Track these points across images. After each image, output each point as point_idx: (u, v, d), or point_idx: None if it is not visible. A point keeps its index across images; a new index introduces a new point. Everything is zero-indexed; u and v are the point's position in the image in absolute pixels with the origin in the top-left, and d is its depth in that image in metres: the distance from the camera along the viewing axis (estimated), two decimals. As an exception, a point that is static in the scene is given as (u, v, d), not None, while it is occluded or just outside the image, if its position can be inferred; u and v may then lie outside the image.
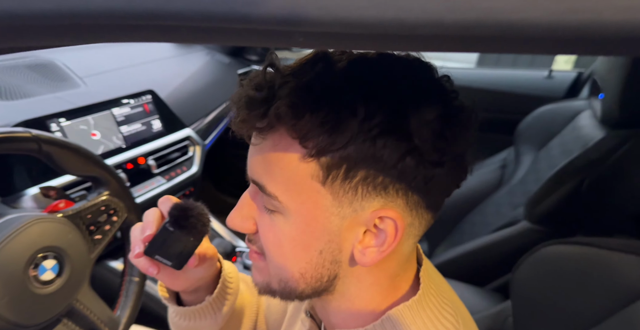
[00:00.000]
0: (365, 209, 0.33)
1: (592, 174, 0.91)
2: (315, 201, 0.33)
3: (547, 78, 1.54)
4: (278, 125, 0.32)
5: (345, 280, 0.37)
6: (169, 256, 0.43)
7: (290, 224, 0.35)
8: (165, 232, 0.42)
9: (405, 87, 0.32)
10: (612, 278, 0.51)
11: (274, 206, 0.35)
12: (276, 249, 0.36)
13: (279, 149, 0.33)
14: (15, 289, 0.53)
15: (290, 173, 0.33)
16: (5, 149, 0.57)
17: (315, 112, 0.30)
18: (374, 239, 0.34)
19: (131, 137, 1.02)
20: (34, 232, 0.56)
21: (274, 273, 0.38)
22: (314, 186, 0.33)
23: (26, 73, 1.00)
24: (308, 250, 0.35)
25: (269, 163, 0.34)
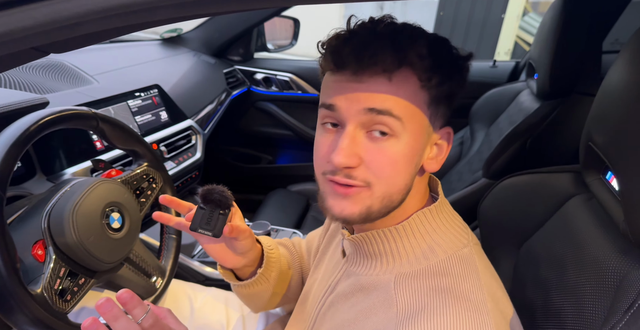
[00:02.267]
0: (438, 126, 0.46)
1: (533, 135, 1.15)
2: (421, 121, 0.44)
3: (492, 67, 1.80)
4: (410, 64, 0.42)
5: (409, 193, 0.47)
6: (208, 228, 0.55)
7: (403, 144, 0.43)
8: (200, 211, 0.55)
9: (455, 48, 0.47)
10: (549, 191, 0.66)
11: (392, 129, 0.42)
12: (391, 168, 0.43)
13: (403, 80, 0.42)
14: (97, 232, 0.66)
15: (411, 98, 0.43)
16: (72, 124, 0.70)
17: (435, 57, 0.43)
18: (437, 151, 0.47)
19: (144, 126, 1.14)
20: (102, 190, 0.69)
21: (380, 193, 0.44)
22: (423, 109, 0.44)
23: (43, 73, 1.10)
24: (411, 164, 0.44)
25: (394, 91, 0.42)
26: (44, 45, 0.33)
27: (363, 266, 0.51)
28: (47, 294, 0.59)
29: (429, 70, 0.43)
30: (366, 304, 0.47)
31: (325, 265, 0.63)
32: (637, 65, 0.45)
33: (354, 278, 0.51)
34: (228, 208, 0.56)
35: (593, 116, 0.55)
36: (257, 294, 0.68)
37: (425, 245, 0.47)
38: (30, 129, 0.60)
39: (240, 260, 0.63)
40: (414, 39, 0.43)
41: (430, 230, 0.47)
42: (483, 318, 0.39)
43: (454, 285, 0.42)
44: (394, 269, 0.47)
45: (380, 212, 0.45)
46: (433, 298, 0.42)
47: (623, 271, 0.42)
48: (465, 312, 0.40)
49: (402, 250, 0.47)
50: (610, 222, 0.49)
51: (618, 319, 0.37)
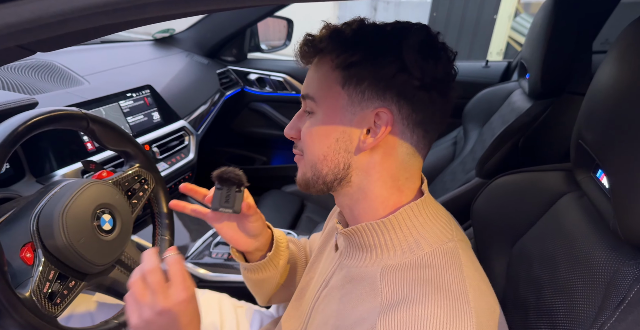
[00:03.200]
0: (369, 107, 0.47)
1: (525, 134, 1.16)
2: (336, 99, 0.48)
3: (485, 67, 1.81)
4: (321, 50, 0.49)
5: (357, 172, 0.50)
6: (228, 206, 0.59)
7: (318, 119, 0.50)
8: (217, 192, 0.59)
9: (402, 26, 0.48)
10: (541, 189, 0.66)
11: (311, 108, 0.50)
12: (308, 138, 0.51)
13: (320, 65, 0.50)
14: (87, 234, 0.65)
15: (323, 79, 0.49)
16: (62, 125, 0.69)
17: (341, 38, 0.47)
18: (373, 133, 0.48)
19: (136, 127, 1.13)
20: (92, 191, 0.68)
21: (307, 161, 0.52)
22: (336, 89, 0.48)
23: (32, 73, 1.09)
24: (328, 137, 0.49)
25: (313, 77, 0.51)
26: (30, 43, 0.33)
27: (354, 258, 0.52)
28: (36, 298, 0.58)
29: (334, 52, 0.48)
30: (354, 294, 0.49)
31: (322, 263, 0.65)
32: (625, 65, 0.46)
33: (345, 270, 0.53)
34: (243, 185, 0.60)
35: (583, 114, 0.55)
36: (265, 281, 0.71)
37: (411, 239, 0.48)
38: (18, 130, 0.60)
39: (253, 243, 0.66)
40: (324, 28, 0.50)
41: (417, 224, 0.49)
42: (463, 307, 0.41)
43: (436, 276, 0.44)
44: (382, 261, 0.49)
45: (314, 180, 0.52)
46: (415, 288, 0.43)
47: (613, 267, 0.42)
48: (445, 301, 0.41)
49: (390, 243, 0.49)
50: (600, 220, 0.49)
51: (609, 315, 0.37)
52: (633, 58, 0.45)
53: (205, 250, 1.19)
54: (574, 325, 0.45)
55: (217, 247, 1.20)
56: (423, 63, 0.46)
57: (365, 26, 0.49)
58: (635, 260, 0.41)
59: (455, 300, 0.41)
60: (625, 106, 0.44)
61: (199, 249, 1.19)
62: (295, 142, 0.55)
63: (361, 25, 0.49)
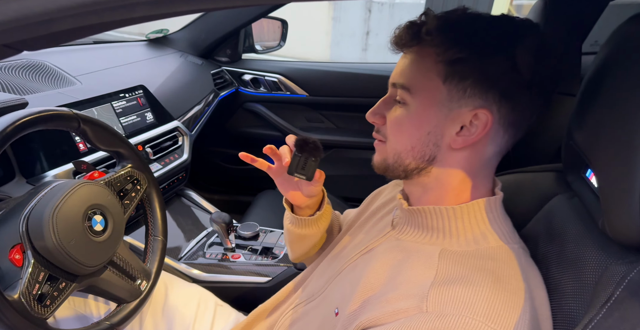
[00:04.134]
0: (469, 105, 0.46)
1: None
2: (434, 95, 0.47)
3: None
4: (424, 40, 0.46)
5: (441, 165, 0.49)
6: (303, 172, 0.61)
7: (411, 111, 0.48)
8: (296, 157, 0.61)
9: (515, 25, 0.46)
10: (532, 190, 0.67)
11: (404, 98, 0.48)
12: (397, 129, 0.50)
13: (421, 56, 0.47)
14: (78, 235, 0.64)
15: (424, 71, 0.47)
16: (52, 125, 0.68)
17: (451, 32, 0.45)
18: (467, 132, 0.47)
19: (129, 127, 1.12)
20: (83, 192, 0.68)
21: (391, 149, 0.51)
22: (437, 82, 0.46)
23: (23, 73, 1.08)
24: (420, 130, 0.48)
25: (411, 66, 0.48)
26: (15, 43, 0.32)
27: (411, 235, 0.52)
28: (25, 300, 0.57)
29: (441, 46, 0.45)
30: (405, 261, 0.48)
31: (366, 232, 0.65)
32: (614, 66, 0.46)
33: (397, 242, 0.53)
34: (320, 156, 0.62)
35: (574, 115, 0.55)
36: (306, 237, 0.73)
37: (478, 231, 0.48)
38: (7, 130, 0.59)
39: (306, 201, 0.69)
40: (428, 17, 0.48)
41: (487, 219, 0.49)
42: (519, 302, 0.40)
43: (498, 269, 0.43)
44: (442, 244, 0.49)
45: (395, 167, 0.52)
46: (474, 272, 0.43)
47: (602, 267, 0.42)
48: (502, 292, 0.41)
49: (455, 229, 0.49)
50: (591, 220, 0.49)
51: (595, 312, 0.38)
52: (621, 59, 0.45)
53: (199, 250, 1.18)
54: (565, 325, 0.45)
55: (211, 247, 1.20)
56: (536, 66, 0.45)
57: (474, 20, 0.47)
58: (623, 259, 0.41)
59: (513, 293, 0.41)
60: (614, 107, 0.44)
61: (193, 249, 1.19)
62: (378, 127, 0.54)
63: (470, 19, 0.47)
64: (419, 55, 0.48)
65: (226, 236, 1.15)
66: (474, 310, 0.39)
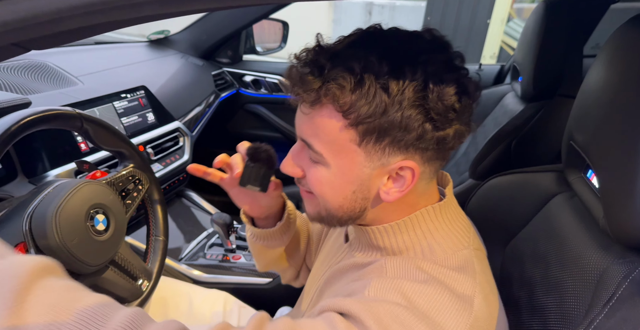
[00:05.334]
0: (391, 163, 0.43)
1: (517, 136, 1.17)
2: (352, 158, 0.43)
3: (478, 70, 1.83)
4: (326, 101, 0.41)
5: (374, 210, 0.48)
6: (256, 184, 0.57)
7: (330, 173, 0.45)
8: (248, 168, 0.57)
9: (428, 66, 0.39)
10: (533, 190, 0.67)
11: (318, 159, 0.45)
12: (320, 189, 0.47)
13: (326, 118, 0.42)
14: (81, 234, 0.64)
15: (333, 137, 0.42)
16: (55, 124, 0.69)
17: (357, 91, 0.39)
18: (395, 183, 0.44)
19: (130, 128, 1.13)
20: (86, 191, 0.68)
21: (322, 204, 0.49)
22: (352, 147, 0.42)
23: (25, 73, 1.08)
24: (343, 191, 0.46)
25: (317, 128, 0.43)
26: (24, 41, 0.33)
27: (363, 253, 0.52)
28: (28, 298, 0.57)
29: (350, 107, 0.40)
30: (358, 274, 0.48)
31: (327, 249, 0.65)
32: (613, 67, 0.47)
33: (352, 261, 0.52)
34: (274, 165, 0.58)
35: (574, 116, 0.56)
36: (269, 248, 0.70)
37: (425, 243, 0.47)
38: (10, 129, 0.59)
39: (266, 211, 0.65)
40: (343, 67, 0.40)
41: (432, 228, 0.47)
42: (465, 306, 0.40)
43: (445, 275, 0.43)
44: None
45: (329, 219, 0.50)
46: (421, 273, 0.43)
47: (603, 266, 0.43)
48: (450, 295, 0.40)
49: (402, 245, 0.47)
50: (591, 219, 0.50)
51: (597, 312, 0.38)
52: (621, 61, 0.46)
53: (200, 251, 1.18)
54: (565, 323, 0.45)
55: (212, 248, 1.20)
56: (451, 112, 0.40)
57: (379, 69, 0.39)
58: (624, 258, 0.41)
59: (460, 300, 0.40)
60: (614, 108, 0.45)
61: (193, 250, 1.19)
62: (299, 179, 0.51)
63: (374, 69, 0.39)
64: (324, 116, 0.42)
65: (227, 237, 1.15)
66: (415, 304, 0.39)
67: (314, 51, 0.43)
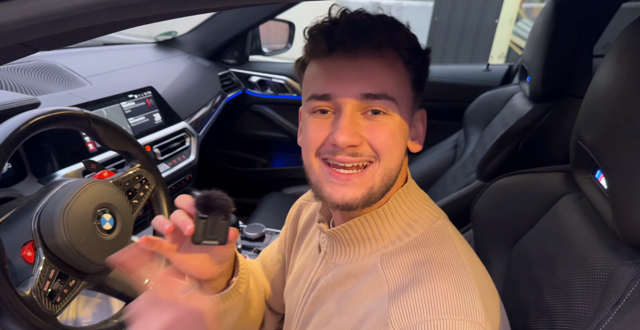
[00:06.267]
0: (416, 106, 0.50)
1: (525, 137, 1.16)
2: (409, 101, 0.48)
3: (486, 70, 1.82)
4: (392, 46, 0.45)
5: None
6: (213, 237, 0.48)
7: (398, 120, 0.46)
8: (200, 221, 0.48)
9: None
10: (541, 191, 0.66)
11: (386, 107, 0.45)
12: (392, 141, 0.45)
13: (390, 62, 0.45)
14: (88, 233, 0.65)
15: (400, 78, 0.47)
16: (64, 124, 0.70)
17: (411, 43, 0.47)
18: (415, 132, 0.51)
19: (137, 128, 1.14)
20: (93, 191, 0.69)
21: (381, 170, 0.46)
22: (409, 88, 0.48)
23: (35, 74, 1.09)
24: (404, 140, 0.48)
25: (384, 73, 0.45)
26: (33, 41, 0.33)
27: (344, 255, 0.52)
28: (36, 296, 0.58)
29: (410, 52, 0.47)
30: (356, 289, 0.48)
31: (299, 266, 0.62)
32: (622, 66, 0.46)
33: (336, 269, 0.52)
34: (231, 211, 0.50)
35: (582, 116, 0.55)
36: (229, 311, 0.61)
37: (404, 224, 0.49)
38: (20, 129, 0.60)
39: (218, 269, 0.56)
40: (397, 23, 0.47)
41: (406, 209, 0.50)
42: (464, 279, 0.43)
43: (435, 254, 0.46)
44: (378, 250, 0.49)
45: (380, 192, 0.47)
46: (419, 269, 0.45)
47: (611, 267, 0.42)
48: (449, 276, 0.43)
49: (384, 231, 0.49)
50: (599, 220, 0.49)
51: (606, 314, 0.37)
52: (630, 60, 0.45)
53: (206, 251, 1.19)
54: (573, 324, 0.45)
55: (217, 248, 1.20)
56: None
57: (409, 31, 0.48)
58: (633, 259, 0.41)
59: (457, 274, 0.43)
60: (623, 107, 0.44)
61: (199, 250, 1.19)
62: (356, 149, 0.45)
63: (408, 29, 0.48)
64: (388, 61, 0.45)
65: (232, 237, 1.15)
66: (436, 310, 0.40)
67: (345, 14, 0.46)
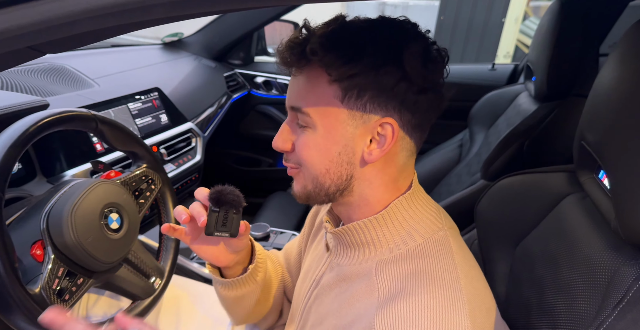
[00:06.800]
0: (372, 120, 0.46)
1: (530, 137, 1.16)
2: (336, 115, 0.46)
3: (491, 70, 1.81)
4: (311, 60, 0.45)
5: (360, 182, 0.49)
6: (225, 229, 0.54)
7: (317, 134, 0.47)
8: (213, 214, 0.54)
9: (399, 32, 0.46)
10: (544, 190, 0.66)
11: (306, 122, 0.48)
12: (307, 153, 0.49)
13: (312, 77, 0.46)
14: (95, 232, 0.66)
15: (319, 94, 0.46)
16: (72, 125, 0.71)
17: (338, 49, 0.44)
18: (377, 144, 0.47)
19: (144, 128, 1.15)
20: (100, 191, 0.70)
21: (307, 175, 0.50)
22: (336, 103, 0.46)
23: (44, 76, 1.11)
24: (330, 152, 0.48)
25: (304, 89, 0.47)
26: (40, 44, 0.34)
27: (346, 257, 0.53)
28: (46, 294, 0.59)
29: (331, 65, 0.44)
30: (350, 292, 0.49)
31: (309, 262, 0.64)
32: (626, 66, 0.46)
33: (337, 269, 0.53)
34: (241, 206, 0.55)
35: (585, 116, 0.55)
36: (245, 297, 0.67)
37: (404, 232, 0.49)
38: (29, 130, 0.61)
39: (234, 258, 0.63)
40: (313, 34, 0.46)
41: (407, 217, 0.50)
42: (455, 295, 0.42)
43: (429, 266, 0.45)
44: (375, 256, 0.49)
45: (316, 192, 0.50)
46: (410, 280, 0.44)
47: (614, 267, 0.42)
48: (438, 290, 0.42)
49: (383, 238, 0.49)
50: (602, 220, 0.49)
51: (607, 314, 0.37)
52: (634, 60, 0.45)
53: (211, 250, 1.20)
54: (575, 324, 0.45)
55: (223, 247, 1.21)
56: (424, 70, 0.45)
57: (357, 32, 0.46)
58: (635, 260, 0.41)
59: (448, 289, 0.42)
60: (626, 107, 0.44)
61: (205, 249, 1.20)
62: (287, 155, 0.52)
63: (352, 30, 0.46)
64: (310, 77, 0.47)
65: (238, 236, 1.16)
66: (419, 325, 0.40)
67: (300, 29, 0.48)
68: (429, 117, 0.49)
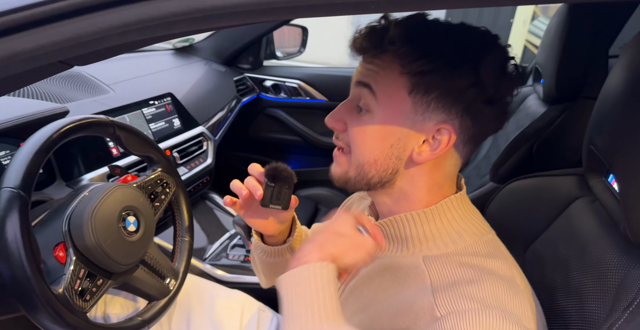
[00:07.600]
0: (432, 119, 0.46)
1: (539, 139, 1.16)
2: (400, 105, 0.46)
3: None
4: (387, 50, 0.45)
5: (403, 178, 0.49)
6: (278, 203, 0.59)
7: (375, 120, 0.47)
8: (269, 188, 0.59)
9: (480, 39, 0.46)
10: (554, 194, 0.67)
11: (367, 105, 0.47)
12: (361, 138, 0.48)
13: (385, 66, 0.46)
14: (114, 235, 0.68)
15: (388, 82, 0.46)
16: (91, 131, 0.73)
17: (416, 43, 0.44)
18: (429, 147, 0.47)
19: (158, 133, 1.18)
20: (118, 194, 0.72)
21: (354, 161, 0.49)
22: (402, 94, 0.46)
23: (62, 83, 1.15)
24: (383, 141, 0.47)
25: (376, 73, 0.47)
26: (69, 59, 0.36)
27: (388, 250, 0.52)
28: (68, 294, 0.61)
29: (407, 57, 0.44)
30: (395, 281, 0.48)
31: None
32: (634, 69, 0.46)
33: (377, 261, 0.52)
34: (294, 182, 0.60)
35: (594, 119, 0.56)
36: (279, 264, 0.71)
37: (452, 230, 0.48)
38: (52, 137, 0.64)
39: (279, 228, 0.67)
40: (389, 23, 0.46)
41: (457, 216, 0.49)
42: (516, 288, 0.42)
43: (484, 263, 0.44)
44: (420, 251, 0.49)
45: (357, 180, 0.50)
46: (466, 271, 0.44)
47: (624, 270, 0.43)
48: (500, 281, 0.42)
49: (429, 233, 0.49)
50: (612, 223, 0.49)
51: (617, 317, 0.38)
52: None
53: (223, 252, 1.22)
54: (586, 327, 0.45)
55: (234, 249, 1.23)
56: (497, 81, 0.44)
57: (437, 30, 0.46)
58: (644, 263, 0.41)
59: (509, 281, 0.43)
60: (634, 110, 0.45)
61: (217, 250, 1.23)
62: (338, 133, 0.52)
63: (433, 28, 0.46)
64: (383, 65, 0.47)
65: (248, 238, 1.17)
66: (486, 303, 0.39)
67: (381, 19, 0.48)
68: (486, 130, 0.48)
